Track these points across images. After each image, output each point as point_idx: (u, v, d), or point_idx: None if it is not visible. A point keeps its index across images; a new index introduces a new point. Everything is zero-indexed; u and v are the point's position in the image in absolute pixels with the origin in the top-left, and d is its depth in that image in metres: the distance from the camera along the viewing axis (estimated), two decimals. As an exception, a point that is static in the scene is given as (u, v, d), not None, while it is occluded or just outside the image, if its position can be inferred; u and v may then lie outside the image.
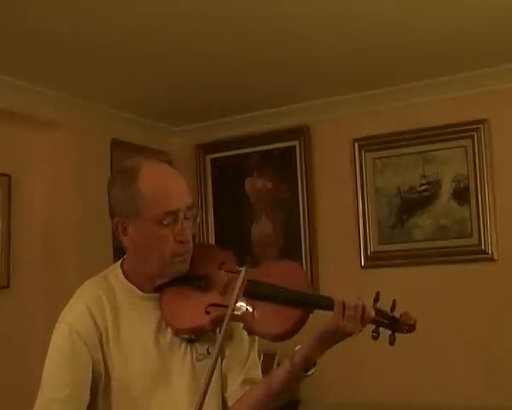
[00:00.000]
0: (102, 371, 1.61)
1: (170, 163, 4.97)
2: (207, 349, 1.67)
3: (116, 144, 4.38)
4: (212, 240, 4.65)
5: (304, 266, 4.28)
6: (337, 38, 3.31)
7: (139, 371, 1.61)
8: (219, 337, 1.41)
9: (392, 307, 1.65)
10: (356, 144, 4.28)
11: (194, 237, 1.67)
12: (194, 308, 1.62)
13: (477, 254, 3.92)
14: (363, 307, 1.55)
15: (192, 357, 1.65)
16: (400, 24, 3.16)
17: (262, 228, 4.55)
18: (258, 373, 1.75)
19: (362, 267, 4.24)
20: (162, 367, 1.62)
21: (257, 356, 1.77)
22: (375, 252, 4.22)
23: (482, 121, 3.93)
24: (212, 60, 3.54)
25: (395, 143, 4.16)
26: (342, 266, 4.24)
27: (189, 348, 1.65)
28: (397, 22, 3.14)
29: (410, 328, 1.65)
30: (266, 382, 1.69)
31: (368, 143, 4.25)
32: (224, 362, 1.70)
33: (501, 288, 3.83)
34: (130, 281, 1.69)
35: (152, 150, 4.77)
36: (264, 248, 4.50)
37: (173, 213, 1.60)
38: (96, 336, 1.61)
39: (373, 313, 1.57)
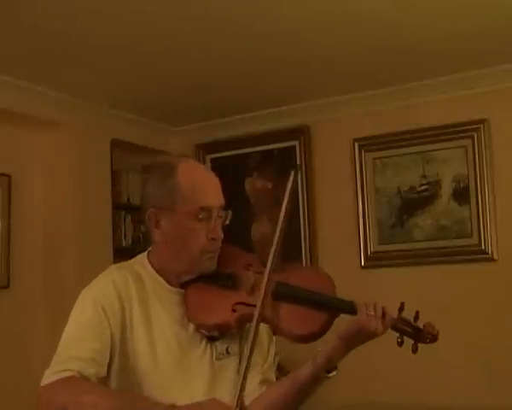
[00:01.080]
0: (118, 349, 1.59)
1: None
2: (227, 349, 1.68)
3: (116, 144, 4.39)
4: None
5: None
6: (337, 39, 3.31)
7: (161, 360, 1.61)
8: (250, 334, 1.45)
9: (416, 317, 1.69)
10: (356, 144, 4.28)
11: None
12: (220, 305, 1.64)
13: (477, 254, 3.92)
14: (384, 309, 1.60)
15: (211, 356, 1.66)
16: (400, 24, 3.17)
17: (262, 228, 4.55)
18: (272, 376, 1.77)
19: (362, 267, 4.24)
20: (181, 362, 1.62)
21: (273, 358, 1.78)
22: (375, 252, 4.22)
23: (482, 121, 3.93)
24: (212, 60, 3.54)
25: (395, 143, 4.17)
26: (342, 266, 4.23)
27: (208, 346, 1.66)
28: (397, 22, 3.15)
29: (433, 338, 1.69)
30: (286, 382, 1.70)
31: (368, 143, 4.25)
32: (242, 361, 1.71)
33: (501, 288, 3.83)
34: (157, 272, 1.70)
35: (152, 150, 4.77)
36: (264, 249, 4.49)
37: (208, 210, 1.63)
38: (119, 315, 1.60)
39: (394, 315, 1.62)
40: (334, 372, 1.63)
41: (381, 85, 4.09)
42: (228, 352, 1.68)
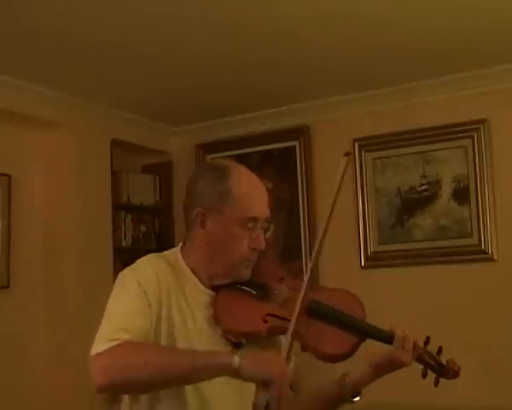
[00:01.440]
0: (153, 332, 1.58)
1: (170, 164, 5.02)
2: None
3: (116, 144, 4.39)
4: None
5: (304, 267, 4.28)
6: (337, 39, 3.31)
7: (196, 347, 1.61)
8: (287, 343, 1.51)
9: (439, 352, 1.77)
10: (356, 144, 4.28)
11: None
12: (251, 314, 1.65)
13: (477, 254, 3.92)
14: (414, 341, 1.68)
15: None
16: (401, 24, 3.17)
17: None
18: (290, 391, 1.77)
19: (362, 267, 4.24)
20: None
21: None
22: (375, 252, 4.22)
23: (482, 121, 3.93)
24: (212, 60, 3.54)
25: (395, 143, 4.16)
26: (342, 266, 4.24)
27: (233, 352, 1.63)
28: (397, 22, 3.15)
29: (455, 374, 1.77)
30: (311, 398, 1.73)
31: (368, 143, 4.25)
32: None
33: (501, 288, 3.83)
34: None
35: (152, 150, 4.78)
36: (266, 249, 4.49)
37: (255, 220, 1.65)
38: (158, 299, 1.59)
39: (421, 347, 1.70)
40: (358, 398, 1.68)
41: (381, 85, 4.09)
42: None
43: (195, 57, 3.49)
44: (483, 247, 3.90)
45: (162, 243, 4.80)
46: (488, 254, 3.89)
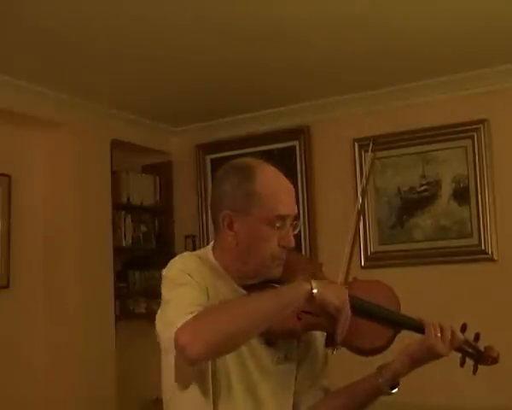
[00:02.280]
0: None
1: (170, 164, 5.02)
2: (285, 355, 1.68)
3: (116, 144, 4.39)
4: (211, 241, 4.64)
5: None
6: (337, 39, 3.31)
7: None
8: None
9: (476, 339, 1.79)
10: (356, 144, 4.28)
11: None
12: None
13: (477, 254, 3.92)
14: (452, 330, 1.69)
15: (270, 359, 1.66)
16: (400, 24, 3.16)
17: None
18: (328, 383, 1.79)
19: (362, 267, 4.24)
20: (239, 361, 1.61)
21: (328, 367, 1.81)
22: (375, 252, 4.22)
23: (482, 121, 3.93)
24: (212, 61, 3.54)
25: (395, 143, 4.16)
26: (342, 266, 4.23)
27: (266, 349, 1.66)
28: (397, 23, 3.15)
29: (494, 360, 1.82)
30: (349, 392, 1.74)
31: (368, 143, 4.24)
32: (300, 368, 1.73)
33: (501, 288, 3.83)
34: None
35: (152, 151, 4.78)
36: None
37: (283, 218, 1.66)
38: (203, 284, 1.58)
39: (461, 337, 1.71)
40: (397, 389, 1.70)
41: (381, 85, 4.09)
42: (286, 357, 1.68)
43: (195, 58, 3.49)
44: (483, 247, 3.90)
45: (162, 243, 4.81)
46: (488, 254, 3.89)
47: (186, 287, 1.55)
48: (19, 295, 3.93)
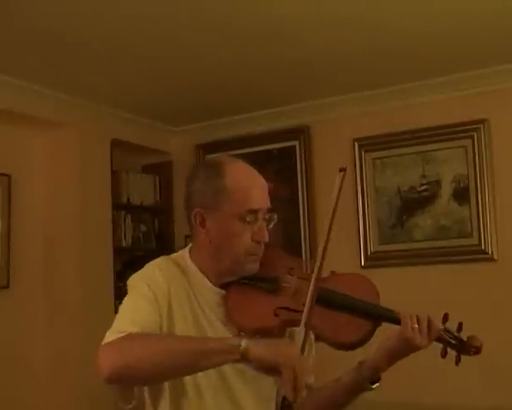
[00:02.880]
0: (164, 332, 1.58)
1: (170, 164, 5.02)
2: None
3: (116, 144, 4.39)
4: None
5: (304, 266, 4.27)
6: (337, 40, 3.31)
7: None
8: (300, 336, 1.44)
9: (459, 329, 1.71)
10: (356, 144, 4.28)
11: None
12: (262, 309, 1.63)
13: (477, 254, 3.92)
14: (430, 321, 1.62)
15: None
16: (400, 24, 3.16)
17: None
18: (313, 379, 1.76)
19: (362, 267, 4.24)
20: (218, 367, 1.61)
21: (312, 363, 1.78)
22: (375, 252, 4.22)
23: (482, 121, 3.93)
24: (212, 60, 3.54)
25: (395, 143, 4.16)
26: (342, 266, 4.21)
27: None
28: (397, 23, 3.15)
29: (477, 350, 1.71)
30: (330, 391, 1.71)
31: (368, 143, 4.25)
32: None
33: (501, 288, 3.83)
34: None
35: (152, 150, 4.78)
36: (265, 249, 4.49)
37: (255, 212, 1.63)
38: (167, 301, 1.58)
39: (440, 327, 1.64)
40: (378, 384, 1.66)
41: (381, 85, 4.09)
42: None
43: (196, 58, 3.49)
44: (483, 247, 3.90)
45: (162, 243, 4.81)
46: (488, 254, 3.89)
47: (137, 301, 1.55)
48: (19, 295, 3.93)
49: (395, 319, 1.63)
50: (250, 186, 1.65)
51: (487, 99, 3.92)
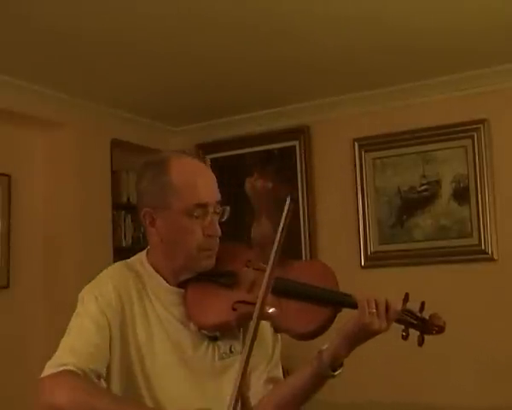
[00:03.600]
0: (118, 349, 1.58)
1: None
2: (230, 348, 1.65)
3: (116, 144, 4.39)
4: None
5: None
6: (337, 39, 3.31)
7: (161, 361, 1.60)
8: (249, 333, 1.37)
9: (421, 309, 1.65)
10: (356, 144, 4.28)
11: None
12: (220, 305, 1.61)
13: (477, 254, 3.92)
14: (388, 304, 1.55)
15: (214, 355, 1.64)
16: (400, 24, 3.17)
17: (262, 228, 4.54)
18: (279, 373, 1.74)
19: (362, 267, 4.24)
20: (183, 363, 1.61)
21: (279, 356, 1.76)
22: (375, 252, 4.22)
23: (482, 121, 3.93)
24: (212, 60, 3.54)
25: (395, 143, 4.17)
26: (342, 266, 4.21)
27: (211, 346, 1.64)
28: (397, 23, 3.15)
29: (440, 329, 1.65)
30: (293, 380, 1.68)
31: (368, 143, 4.25)
32: (240, 363, 1.69)
33: (501, 288, 3.83)
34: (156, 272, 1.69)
35: (152, 150, 4.77)
36: (264, 249, 4.48)
37: (203, 206, 1.60)
38: (119, 315, 1.58)
39: (398, 309, 1.58)
40: (340, 370, 1.60)
41: (381, 85, 4.09)
42: (231, 351, 1.65)
43: (195, 57, 3.49)
44: (483, 247, 3.90)
45: (162, 242, 4.80)
46: (488, 254, 3.89)
47: (82, 323, 1.58)
48: (19, 295, 3.93)
49: (353, 304, 1.57)
50: (196, 180, 1.61)
51: (487, 99, 3.92)
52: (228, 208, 1.68)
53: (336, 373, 1.59)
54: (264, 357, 1.70)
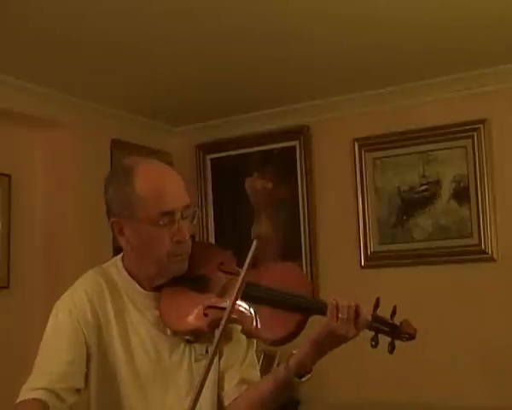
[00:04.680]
0: (95, 358, 1.59)
1: (170, 164, 5.00)
2: (206, 349, 1.65)
3: (116, 144, 4.38)
4: (211, 240, 4.65)
5: (304, 267, 4.28)
6: (337, 38, 3.31)
7: (138, 367, 1.60)
8: (215, 339, 1.39)
9: (393, 314, 1.61)
10: (356, 144, 4.28)
11: (193, 236, 1.67)
12: (192, 310, 1.61)
13: (477, 254, 3.92)
14: (357, 309, 1.52)
15: (190, 358, 1.64)
16: (400, 24, 3.16)
17: (262, 228, 4.54)
18: (255, 374, 1.74)
19: (362, 267, 4.24)
20: (160, 367, 1.61)
21: (255, 357, 1.75)
22: (375, 252, 4.22)
23: (482, 121, 3.93)
24: (212, 60, 3.54)
25: (395, 143, 4.16)
26: (342, 266, 4.24)
27: (187, 348, 1.64)
28: (397, 22, 3.14)
29: (410, 336, 1.61)
30: (261, 384, 1.68)
31: (368, 143, 4.25)
32: (221, 361, 1.68)
33: (501, 288, 3.83)
34: (131, 276, 1.69)
35: (152, 150, 4.77)
36: (264, 249, 4.50)
37: (169, 214, 1.59)
38: (94, 325, 1.60)
39: (368, 316, 1.54)
40: (307, 377, 1.58)
41: (381, 85, 4.09)
42: (207, 352, 1.65)
43: (196, 57, 3.49)
44: (483, 247, 3.90)
45: (162, 242, 4.80)
46: (488, 254, 3.89)
47: (55, 341, 1.59)
48: (19, 295, 3.93)
49: (323, 310, 1.54)
50: (160, 188, 1.61)
51: (487, 99, 3.92)
52: (198, 211, 1.67)
53: (303, 379, 1.57)
54: (237, 358, 1.70)
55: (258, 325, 1.57)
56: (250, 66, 3.65)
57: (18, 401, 1.52)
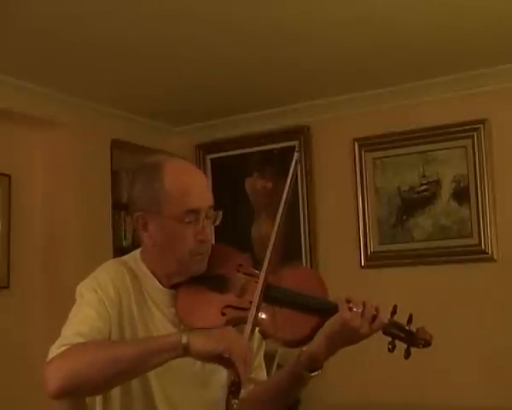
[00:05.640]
0: (117, 337, 1.59)
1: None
2: None
3: (116, 144, 4.39)
4: (211, 240, 4.64)
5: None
6: (337, 39, 3.31)
7: None
8: (247, 331, 1.41)
9: (409, 321, 1.64)
10: (356, 144, 4.28)
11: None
12: (210, 309, 1.62)
13: (477, 254, 3.92)
14: (376, 310, 1.56)
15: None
16: (400, 24, 3.17)
17: (262, 228, 4.54)
18: (263, 374, 1.76)
19: (362, 267, 4.24)
20: (173, 364, 1.61)
21: (263, 358, 1.77)
22: (375, 252, 4.22)
23: (482, 121, 3.93)
24: (212, 60, 3.54)
25: (395, 143, 4.16)
26: (342, 266, 4.24)
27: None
28: (397, 22, 3.15)
29: (426, 343, 1.65)
30: (272, 381, 1.70)
31: (368, 143, 4.25)
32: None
33: (501, 288, 3.83)
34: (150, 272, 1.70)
35: (152, 150, 4.77)
36: (264, 249, 4.49)
37: (195, 212, 1.61)
38: (117, 307, 1.59)
39: (385, 320, 1.58)
40: (317, 372, 1.60)
41: (380, 85, 4.09)
42: None
43: (196, 57, 3.49)
44: (483, 247, 3.90)
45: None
46: (488, 254, 3.89)
47: (83, 311, 1.56)
48: (19, 295, 3.93)
49: (335, 310, 1.57)
50: (188, 186, 1.63)
51: (487, 99, 3.92)
52: (220, 213, 1.69)
53: (313, 374, 1.60)
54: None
55: (277, 326, 1.59)
56: (250, 66, 3.66)
57: (48, 358, 1.47)
